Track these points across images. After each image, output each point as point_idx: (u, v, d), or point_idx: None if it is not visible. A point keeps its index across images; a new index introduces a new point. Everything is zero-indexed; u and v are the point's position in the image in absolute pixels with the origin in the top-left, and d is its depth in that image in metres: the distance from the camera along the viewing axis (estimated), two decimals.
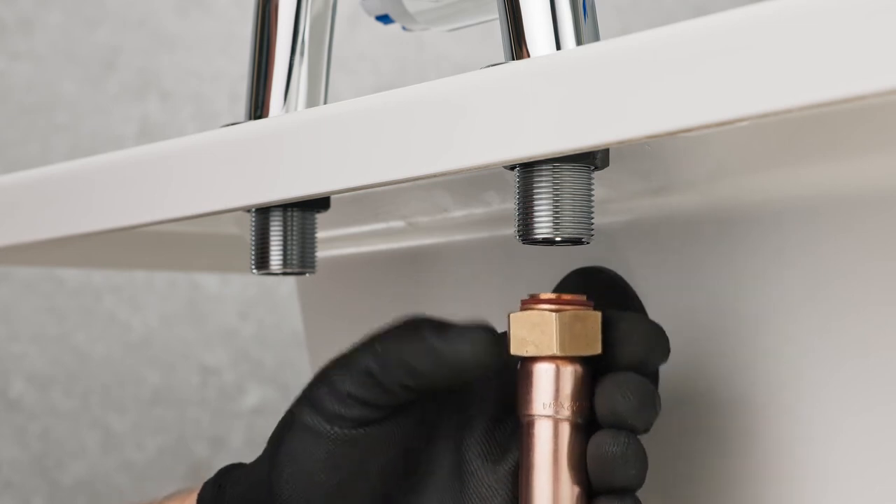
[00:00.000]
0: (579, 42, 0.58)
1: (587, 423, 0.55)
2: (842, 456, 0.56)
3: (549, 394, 0.55)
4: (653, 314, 0.60)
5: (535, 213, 0.55)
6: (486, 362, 0.55)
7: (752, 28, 0.43)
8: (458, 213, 0.71)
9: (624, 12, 1.54)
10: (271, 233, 0.68)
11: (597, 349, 0.55)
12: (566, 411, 0.55)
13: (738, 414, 0.59)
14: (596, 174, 0.57)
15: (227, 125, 0.66)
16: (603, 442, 0.54)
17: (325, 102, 0.72)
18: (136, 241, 0.88)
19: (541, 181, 0.55)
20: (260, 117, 0.70)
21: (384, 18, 0.74)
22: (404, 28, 0.75)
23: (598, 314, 0.56)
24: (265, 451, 0.59)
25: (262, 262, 0.68)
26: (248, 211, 0.68)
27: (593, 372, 0.56)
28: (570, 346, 0.55)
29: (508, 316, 0.56)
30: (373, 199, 0.74)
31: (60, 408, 1.38)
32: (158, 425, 1.40)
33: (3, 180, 0.75)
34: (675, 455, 0.61)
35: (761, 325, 0.58)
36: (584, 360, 0.56)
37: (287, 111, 0.70)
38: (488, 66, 0.54)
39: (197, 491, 0.61)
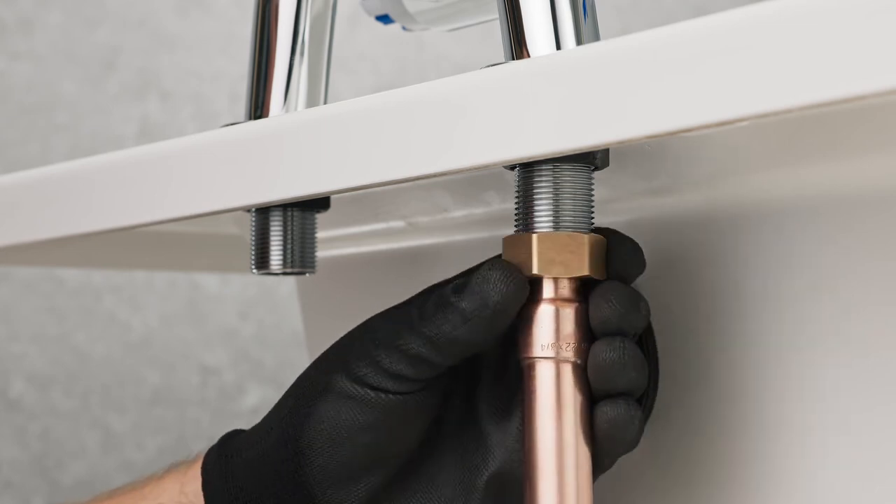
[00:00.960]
0: (579, 42, 0.58)
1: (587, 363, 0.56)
2: (844, 456, 0.56)
3: (550, 335, 0.55)
4: (653, 314, 0.60)
5: (535, 213, 0.55)
6: (519, 298, 0.56)
7: (752, 28, 0.43)
8: (458, 213, 0.71)
9: (624, 12, 1.54)
10: (271, 233, 0.68)
11: (604, 273, 0.56)
12: (567, 352, 0.55)
13: (738, 414, 0.59)
14: (596, 174, 0.57)
15: (227, 125, 0.66)
16: (599, 351, 0.55)
17: (325, 102, 0.72)
18: (136, 241, 0.88)
19: (541, 181, 0.55)
20: (260, 117, 0.70)
21: (384, 18, 0.74)
22: (404, 28, 0.75)
23: (603, 239, 0.56)
24: (281, 416, 0.59)
25: (262, 262, 0.68)
26: (248, 211, 0.68)
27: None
28: (597, 269, 0.56)
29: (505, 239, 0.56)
30: (373, 199, 0.74)
31: (60, 408, 1.38)
32: (158, 425, 1.40)
33: (3, 180, 0.75)
34: (675, 454, 0.61)
35: (763, 325, 0.58)
36: (583, 299, 0.56)
37: (287, 111, 0.70)
38: (488, 66, 0.54)
39: (198, 461, 0.61)
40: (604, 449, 0.56)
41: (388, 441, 0.57)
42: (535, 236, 0.56)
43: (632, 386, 0.55)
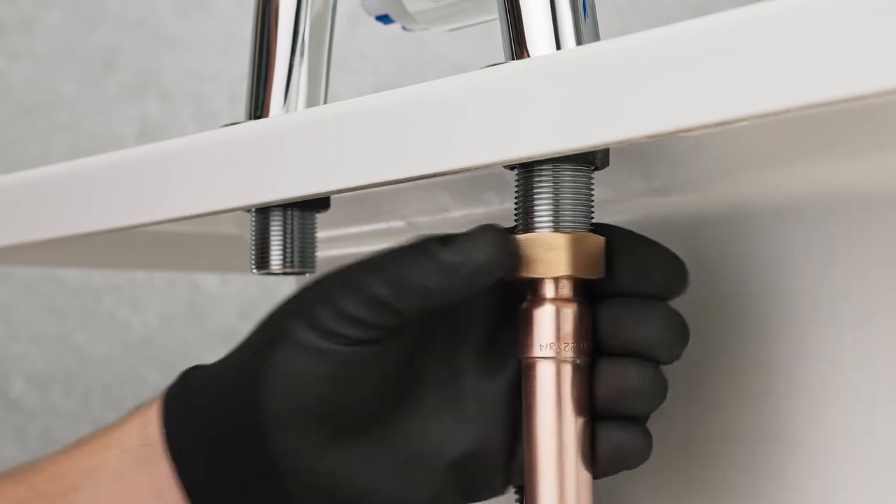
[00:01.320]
0: (579, 42, 0.58)
1: (588, 362, 0.55)
2: (845, 458, 0.56)
3: (550, 335, 0.55)
4: None
5: (535, 213, 0.55)
6: (504, 265, 0.55)
7: (752, 28, 0.43)
8: (458, 213, 0.71)
9: (624, 12, 1.54)
10: (271, 233, 0.67)
11: (600, 273, 0.55)
12: (567, 352, 0.55)
13: (738, 415, 0.59)
14: (596, 174, 0.57)
15: (227, 125, 0.66)
16: (627, 373, 0.54)
17: (325, 102, 0.72)
18: (136, 241, 0.88)
19: (541, 181, 0.55)
20: (260, 117, 0.70)
21: (384, 18, 0.74)
22: (404, 28, 0.75)
23: (601, 238, 0.56)
24: (242, 360, 0.57)
25: (262, 262, 0.68)
26: (248, 211, 0.68)
27: (592, 310, 0.56)
28: (580, 268, 0.55)
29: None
30: (373, 199, 0.74)
31: (60, 408, 1.38)
32: None
33: (3, 180, 0.75)
34: (679, 456, 0.61)
35: (763, 325, 0.58)
36: (583, 299, 0.56)
37: (287, 111, 0.70)
38: (488, 66, 0.54)
39: (157, 402, 0.60)
40: (603, 468, 0.55)
41: (345, 394, 0.56)
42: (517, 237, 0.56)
43: (646, 412, 0.55)
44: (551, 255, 0.55)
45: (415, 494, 0.57)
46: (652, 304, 0.54)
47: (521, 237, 0.55)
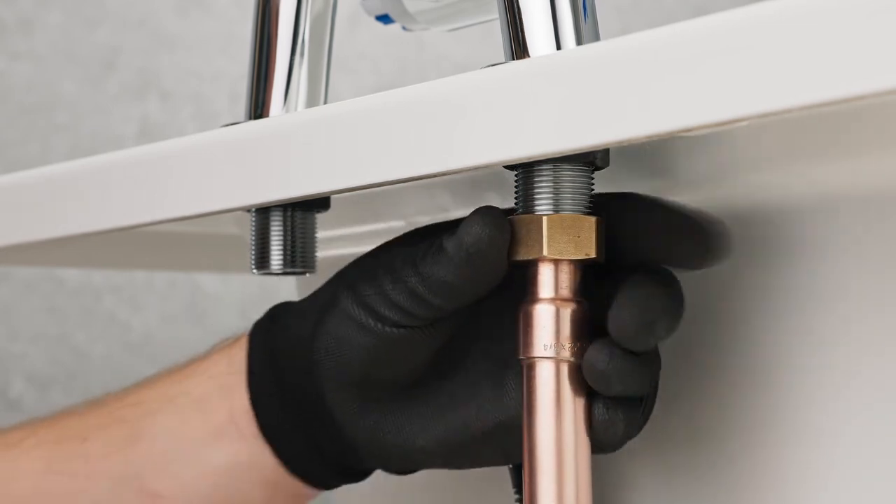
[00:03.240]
0: (579, 42, 0.58)
1: None
2: (846, 460, 0.56)
3: (550, 335, 0.55)
4: None
5: (536, 213, 0.55)
6: (498, 241, 0.56)
7: (752, 28, 0.43)
8: (458, 213, 0.71)
9: (624, 12, 1.54)
10: (271, 233, 0.67)
11: (590, 253, 0.55)
12: (567, 352, 0.55)
13: (738, 415, 0.59)
14: (596, 174, 0.57)
15: (227, 125, 0.66)
16: (590, 356, 0.55)
17: (325, 102, 0.72)
18: (136, 241, 0.88)
19: (541, 181, 0.55)
20: (260, 117, 0.70)
21: (384, 18, 0.74)
22: (404, 28, 0.75)
23: (593, 219, 0.56)
24: (308, 315, 0.61)
25: (262, 262, 0.68)
26: (248, 211, 0.68)
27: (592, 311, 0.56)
28: (559, 249, 0.55)
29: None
30: (373, 199, 0.74)
31: (60, 408, 1.38)
32: None
33: (3, 180, 0.75)
34: (674, 455, 0.61)
35: (764, 325, 0.58)
36: (583, 299, 0.56)
37: (287, 111, 0.70)
38: (488, 66, 0.54)
39: (245, 336, 0.64)
40: (593, 445, 0.56)
41: (387, 364, 0.59)
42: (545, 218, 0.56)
43: (627, 392, 0.55)
44: (543, 234, 0.55)
45: (458, 453, 0.60)
46: (639, 281, 0.55)
47: (514, 217, 0.56)
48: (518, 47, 0.58)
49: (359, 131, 0.55)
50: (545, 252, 0.55)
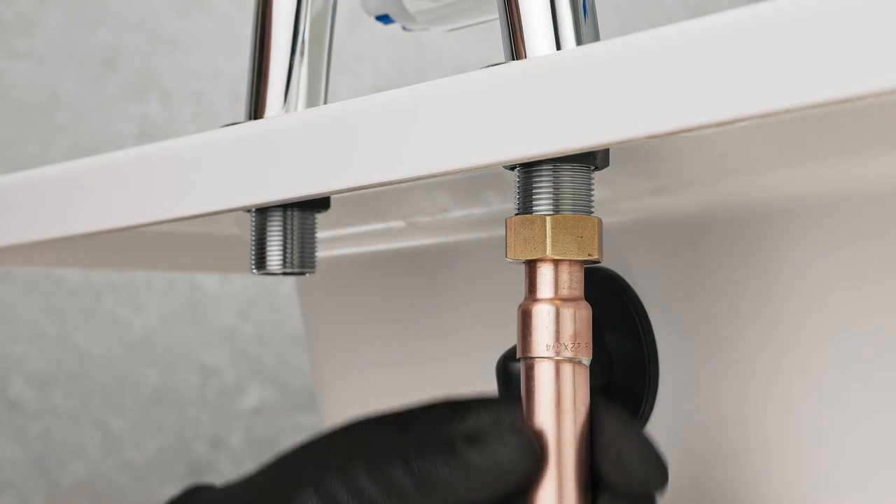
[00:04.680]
0: (579, 42, 0.58)
1: (588, 362, 0.56)
2: (846, 460, 0.56)
3: (550, 335, 0.55)
4: (653, 315, 0.60)
5: (535, 213, 0.56)
6: (528, 471, 0.53)
7: (752, 28, 0.43)
8: (458, 213, 0.71)
9: (624, 12, 1.54)
10: (271, 233, 0.67)
11: (593, 254, 0.55)
12: (567, 352, 0.55)
13: (738, 414, 0.59)
14: (596, 174, 0.57)
15: (227, 125, 0.66)
16: None
17: (325, 102, 0.72)
18: (136, 241, 0.88)
19: (541, 181, 0.55)
20: (260, 117, 0.70)
21: (384, 18, 0.74)
22: (404, 28, 0.75)
23: (596, 220, 0.55)
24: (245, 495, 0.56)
25: (261, 262, 0.68)
26: (248, 211, 0.68)
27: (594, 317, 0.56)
28: (563, 250, 0.55)
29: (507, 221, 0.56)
30: (373, 199, 0.74)
31: (60, 408, 1.38)
32: (158, 425, 1.40)
33: (3, 180, 0.75)
34: (674, 454, 0.62)
35: (764, 325, 0.58)
36: (582, 298, 0.56)
37: (287, 111, 0.70)
38: (488, 66, 0.54)
39: None
40: None
41: None
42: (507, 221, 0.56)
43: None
44: (546, 234, 0.55)
45: None
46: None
47: (515, 217, 0.55)
48: (518, 47, 0.58)
49: (359, 131, 0.55)
50: (548, 252, 0.55)
